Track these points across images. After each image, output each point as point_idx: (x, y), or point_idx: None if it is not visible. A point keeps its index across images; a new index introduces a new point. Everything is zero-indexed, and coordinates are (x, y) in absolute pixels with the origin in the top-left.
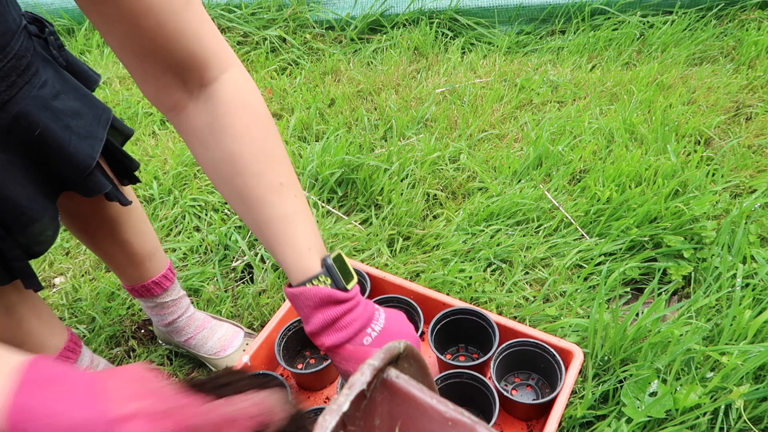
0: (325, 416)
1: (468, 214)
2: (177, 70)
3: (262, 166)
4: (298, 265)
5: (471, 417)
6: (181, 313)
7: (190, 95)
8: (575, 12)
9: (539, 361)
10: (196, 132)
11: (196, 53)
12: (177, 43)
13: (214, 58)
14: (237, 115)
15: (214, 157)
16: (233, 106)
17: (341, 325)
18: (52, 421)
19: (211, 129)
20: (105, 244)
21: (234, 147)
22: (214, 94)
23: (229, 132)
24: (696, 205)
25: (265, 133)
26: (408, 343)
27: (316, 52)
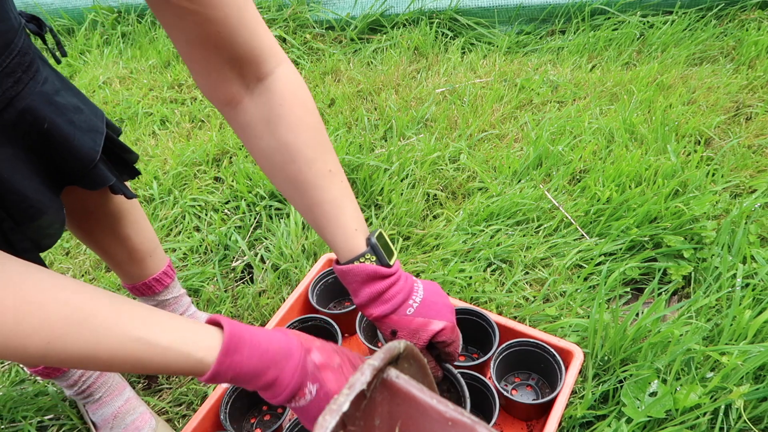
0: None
1: (468, 214)
2: (237, 63)
3: (314, 153)
4: (345, 245)
5: (471, 417)
6: (182, 311)
7: (246, 88)
8: (575, 12)
9: (539, 361)
10: (251, 123)
11: (255, 47)
12: (239, 36)
13: (269, 53)
14: (291, 107)
15: (269, 146)
16: (287, 99)
17: (386, 297)
18: (258, 341)
19: (267, 120)
20: (106, 241)
21: (289, 136)
22: (270, 87)
23: (284, 122)
24: (696, 205)
25: (315, 123)
26: (408, 344)
27: (316, 52)
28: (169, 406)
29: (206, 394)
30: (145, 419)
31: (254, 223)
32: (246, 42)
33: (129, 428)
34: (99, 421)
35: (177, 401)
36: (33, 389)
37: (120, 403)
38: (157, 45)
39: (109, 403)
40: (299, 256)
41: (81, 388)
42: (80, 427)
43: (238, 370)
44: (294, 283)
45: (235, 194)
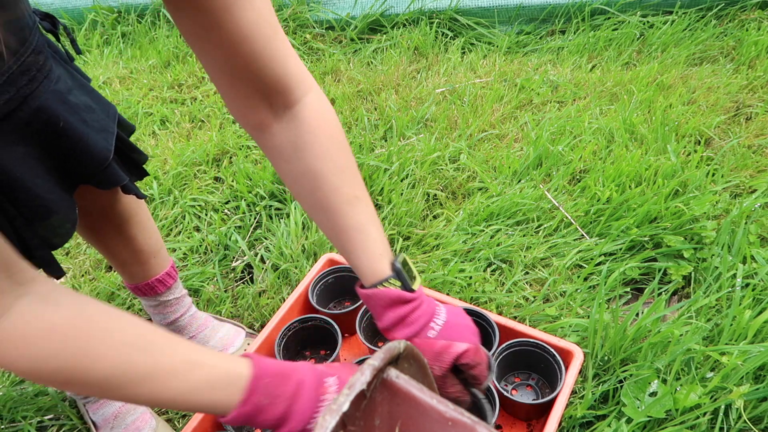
0: (325, 416)
1: (468, 214)
2: (265, 93)
3: (339, 180)
4: (370, 269)
5: (471, 417)
6: (183, 312)
7: (275, 115)
8: (575, 12)
9: (539, 361)
10: (279, 149)
11: (283, 77)
12: (267, 68)
13: (297, 82)
14: (318, 135)
15: (297, 171)
16: (314, 126)
17: (409, 321)
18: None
19: (295, 146)
20: (112, 242)
21: (316, 163)
22: (297, 115)
23: (310, 150)
24: (696, 205)
25: (341, 151)
26: (408, 344)
27: (316, 52)
28: None
29: None
30: (145, 419)
31: (254, 223)
32: (274, 73)
33: (129, 428)
34: (99, 420)
35: None
36: (33, 389)
37: (120, 403)
38: (157, 45)
39: (110, 403)
40: (299, 256)
41: None
42: (80, 427)
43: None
44: (294, 283)
45: (235, 194)
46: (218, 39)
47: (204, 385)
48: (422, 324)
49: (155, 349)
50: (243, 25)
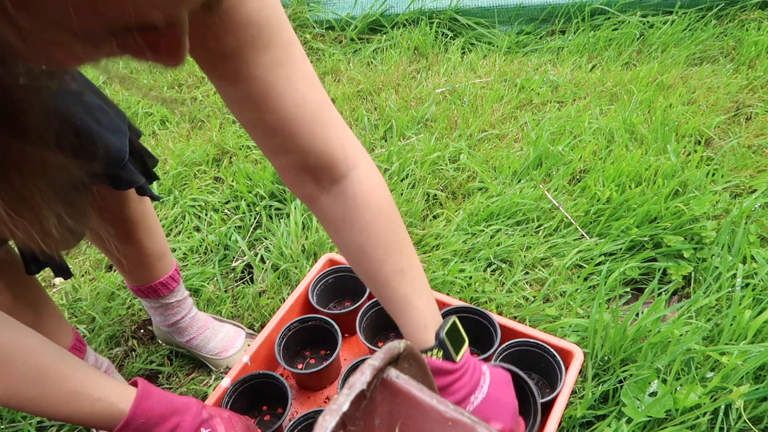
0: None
1: (468, 214)
2: (309, 169)
3: (384, 254)
4: (415, 339)
5: (471, 417)
6: (184, 313)
7: (321, 188)
8: (575, 12)
9: (539, 361)
10: (329, 219)
11: (326, 155)
12: (309, 146)
13: (342, 158)
14: (363, 211)
15: (344, 242)
16: (360, 203)
17: (450, 391)
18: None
19: (342, 219)
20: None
21: (361, 238)
22: (344, 191)
23: (356, 225)
24: (696, 205)
25: (388, 225)
26: (408, 343)
27: (316, 52)
28: None
29: (206, 394)
30: None
31: (254, 223)
32: (316, 151)
33: None
34: None
35: None
36: None
37: None
38: None
39: None
40: (299, 256)
41: None
42: (80, 427)
43: (148, 415)
44: (294, 283)
45: (235, 194)
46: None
47: (87, 416)
48: (462, 396)
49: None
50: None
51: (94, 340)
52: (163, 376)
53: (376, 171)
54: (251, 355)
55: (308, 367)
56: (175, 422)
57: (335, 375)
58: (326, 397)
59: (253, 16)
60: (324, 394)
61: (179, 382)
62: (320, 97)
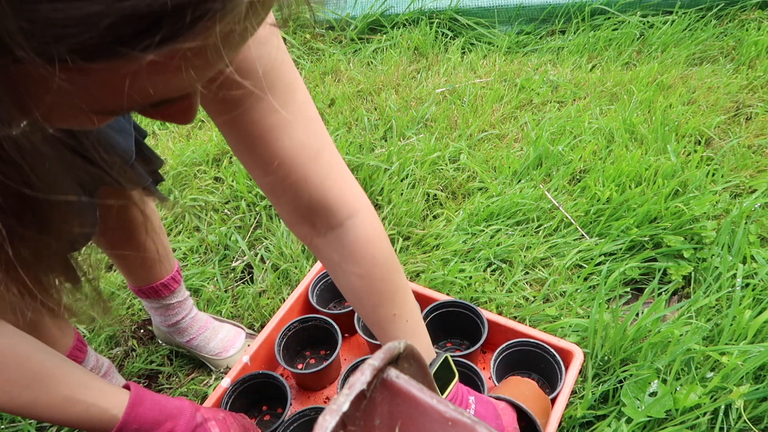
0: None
1: (468, 214)
2: (304, 212)
3: (378, 300)
4: None
5: (471, 417)
6: (185, 314)
7: (317, 233)
8: (575, 12)
9: (539, 361)
10: (325, 260)
11: (322, 201)
12: (304, 191)
13: (338, 205)
14: (358, 261)
15: (340, 283)
16: (355, 252)
17: None
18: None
19: (338, 264)
20: (122, 247)
21: (355, 283)
22: (340, 237)
23: (351, 271)
24: (696, 205)
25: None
26: (408, 344)
27: (316, 52)
28: None
29: (206, 394)
30: None
31: (254, 223)
32: (313, 197)
33: None
34: None
35: None
36: None
37: None
38: None
39: None
40: (299, 256)
41: None
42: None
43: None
44: (294, 283)
45: (235, 194)
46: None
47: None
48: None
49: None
50: (278, 153)
51: (94, 340)
52: (163, 376)
53: (375, 219)
54: (251, 355)
55: (308, 367)
56: (168, 428)
57: (335, 375)
58: (326, 397)
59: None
60: (324, 394)
61: (179, 382)
62: (320, 143)
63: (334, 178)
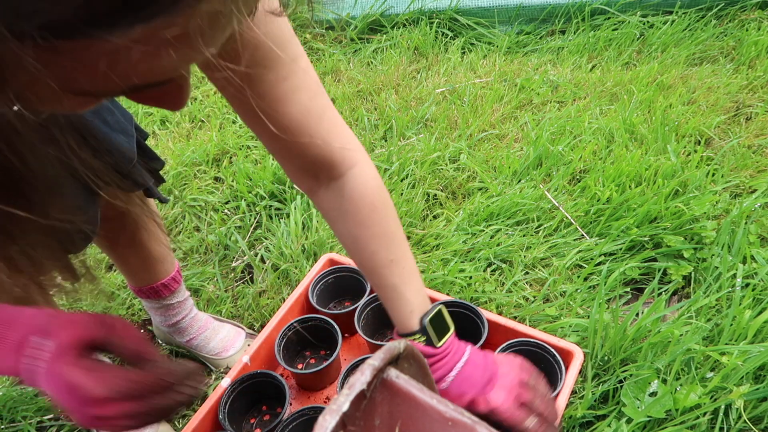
0: (325, 416)
1: (468, 214)
2: (310, 168)
3: (377, 246)
4: (401, 324)
5: (471, 417)
6: (185, 314)
7: (320, 185)
8: (575, 12)
9: (539, 362)
10: (326, 211)
11: (326, 158)
12: (309, 151)
13: (340, 159)
14: (358, 206)
15: (341, 233)
16: (355, 199)
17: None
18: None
19: (338, 212)
20: (124, 248)
21: (354, 230)
22: (341, 187)
23: (350, 218)
24: (696, 205)
25: (380, 219)
26: (408, 343)
27: (316, 52)
28: None
29: (206, 394)
30: None
31: (254, 223)
32: (316, 154)
33: None
34: None
35: None
36: (33, 389)
37: None
38: None
39: None
40: (299, 256)
41: None
42: (80, 427)
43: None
44: (294, 283)
45: (235, 194)
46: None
47: None
48: (438, 376)
49: None
50: (286, 119)
51: None
52: None
53: (373, 170)
54: (251, 355)
55: (308, 367)
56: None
57: (335, 375)
58: (326, 397)
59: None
60: (324, 394)
61: None
62: (322, 104)
63: (336, 135)
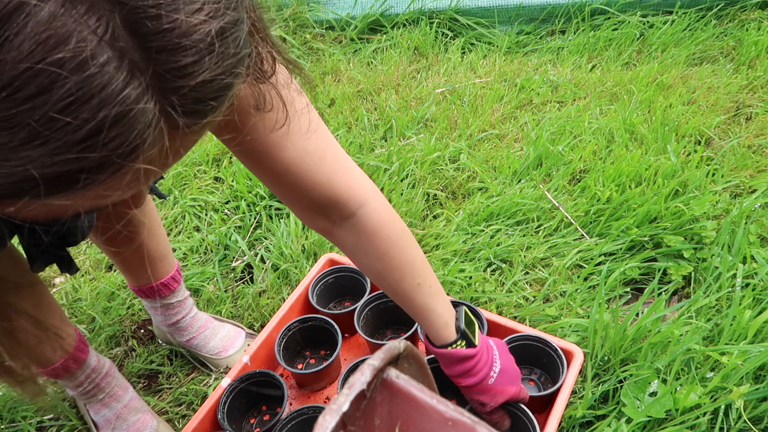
0: (325, 416)
1: (468, 214)
2: (318, 208)
3: (400, 276)
4: (438, 336)
5: (471, 417)
6: (185, 313)
7: (333, 224)
8: (575, 12)
9: (541, 356)
10: (343, 246)
11: (332, 196)
12: (313, 191)
13: (348, 198)
14: (374, 242)
15: (362, 265)
16: (370, 235)
17: (473, 372)
18: None
19: (356, 248)
20: (123, 247)
21: (376, 264)
22: (355, 225)
23: (370, 254)
24: (696, 205)
25: (401, 251)
26: (408, 344)
27: (316, 52)
28: (169, 406)
29: (206, 394)
30: (146, 421)
31: (254, 223)
32: (321, 194)
33: (130, 429)
34: (101, 421)
35: (177, 401)
36: None
37: (122, 404)
38: None
39: (112, 404)
40: (299, 256)
41: (87, 388)
42: (80, 427)
43: None
44: (294, 283)
45: (235, 194)
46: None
47: None
48: (485, 374)
49: None
50: (284, 163)
51: (94, 340)
52: (163, 376)
53: (385, 202)
54: (251, 355)
55: (308, 367)
56: None
57: (335, 375)
58: (326, 397)
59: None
60: (324, 394)
61: (179, 382)
62: (322, 145)
63: (340, 175)
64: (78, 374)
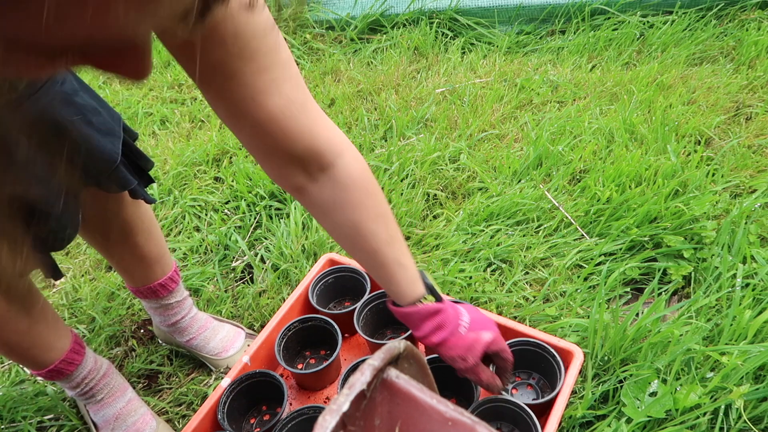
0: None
1: (468, 214)
2: (298, 161)
3: (375, 227)
4: (408, 293)
5: (471, 417)
6: (184, 314)
7: (310, 178)
8: (575, 12)
9: (539, 361)
10: (318, 205)
11: (313, 147)
12: (296, 141)
13: (328, 148)
14: (352, 193)
15: (336, 222)
16: (349, 186)
17: (442, 325)
18: None
19: (333, 202)
20: (116, 248)
21: (354, 216)
22: (332, 177)
23: (348, 205)
24: (696, 205)
25: (376, 202)
26: (408, 343)
27: (316, 52)
28: (169, 406)
29: (206, 394)
30: (146, 421)
31: (254, 223)
32: (303, 145)
33: (130, 429)
34: (100, 422)
35: (177, 401)
36: (33, 389)
37: (122, 404)
38: (156, 45)
39: (112, 404)
40: (299, 256)
41: (84, 389)
42: (80, 427)
43: None
44: (294, 283)
45: (235, 194)
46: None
47: None
48: (454, 325)
49: None
50: (269, 110)
51: (94, 340)
52: (163, 376)
53: (359, 154)
54: (251, 355)
55: (308, 367)
56: None
57: (335, 375)
58: (326, 397)
59: (240, 29)
60: (324, 394)
61: (179, 382)
62: (304, 95)
63: (320, 124)
64: (75, 376)
